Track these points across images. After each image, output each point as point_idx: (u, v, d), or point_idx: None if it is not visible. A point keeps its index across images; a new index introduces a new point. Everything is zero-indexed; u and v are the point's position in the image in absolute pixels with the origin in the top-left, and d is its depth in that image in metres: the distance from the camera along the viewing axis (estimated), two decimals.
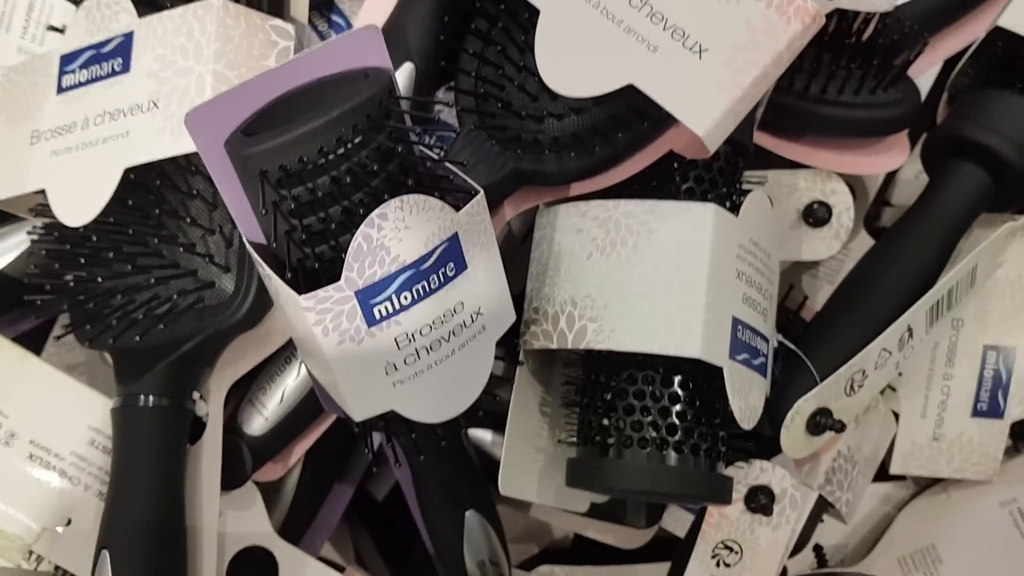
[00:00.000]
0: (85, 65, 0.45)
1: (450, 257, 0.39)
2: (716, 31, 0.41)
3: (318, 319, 0.37)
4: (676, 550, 0.54)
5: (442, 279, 0.39)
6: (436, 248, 0.38)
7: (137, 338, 0.44)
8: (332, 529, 0.56)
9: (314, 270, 0.38)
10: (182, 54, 0.43)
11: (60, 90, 0.46)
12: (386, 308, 0.38)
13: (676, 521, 0.59)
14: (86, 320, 0.46)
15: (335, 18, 0.54)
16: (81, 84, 0.45)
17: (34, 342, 0.53)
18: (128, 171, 0.43)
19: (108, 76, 0.44)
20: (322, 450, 0.52)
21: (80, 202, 0.43)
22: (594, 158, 0.45)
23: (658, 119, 0.44)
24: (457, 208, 0.39)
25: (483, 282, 0.41)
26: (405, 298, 0.38)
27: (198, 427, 0.46)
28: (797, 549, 0.56)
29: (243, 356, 0.47)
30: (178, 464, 0.45)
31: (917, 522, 0.63)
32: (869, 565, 0.62)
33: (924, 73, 0.60)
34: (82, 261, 0.46)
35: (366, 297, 0.37)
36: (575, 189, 0.47)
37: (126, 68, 0.44)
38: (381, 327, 0.38)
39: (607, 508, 0.55)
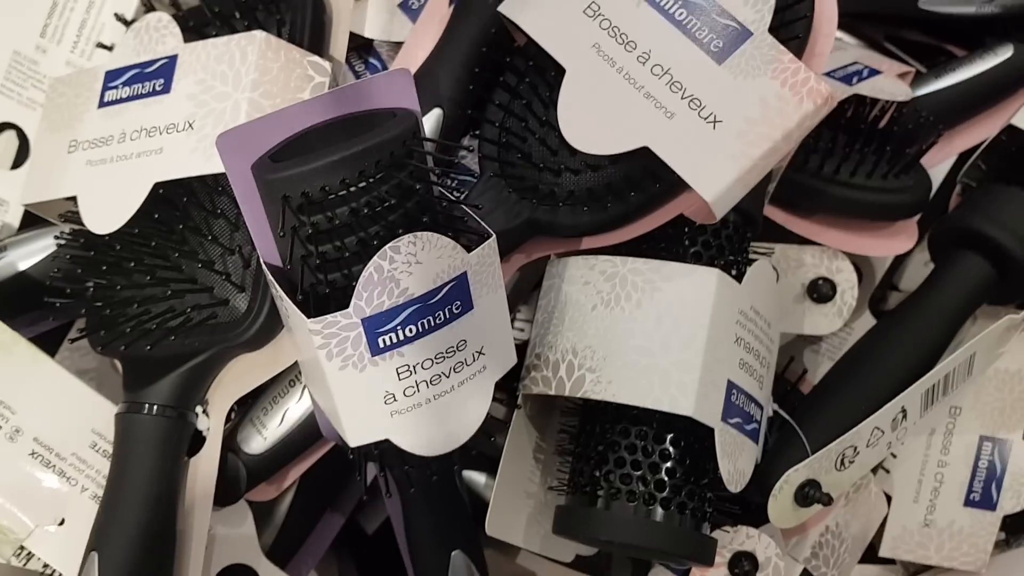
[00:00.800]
0: (128, 83, 0.47)
1: (457, 296, 0.40)
2: (731, 104, 0.43)
3: (324, 343, 0.38)
4: None
5: (447, 316, 0.40)
6: (444, 285, 0.40)
7: (148, 347, 0.45)
8: (319, 557, 0.56)
9: (325, 296, 0.39)
10: (222, 80, 0.45)
11: (102, 104, 0.48)
12: (391, 338, 0.39)
13: None
14: (101, 326, 0.47)
15: (372, 60, 0.57)
16: (122, 100, 0.47)
17: (49, 344, 0.54)
18: (158, 186, 0.44)
19: (149, 95, 0.46)
20: (316, 477, 0.52)
21: (109, 211, 0.45)
22: (606, 215, 0.46)
23: (670, 183, 0.45)
24: (469, 249, 0.40)
25: (487, 323, 0.42)
26: (410, 331, 0.40)
27: (197, 441, 0.47)
28: None
29: (249, 374, 0.48)
30: (175, 474, 0.46)
31: None
32: None
33: (938, 164, 0.62)
34: (104, 268, 0.47)
35: (372, 326, 0.39)
36: (586, 243, 0.48)
37: (167, 89, 0.46)
38: (384, 357, 0.39)
39: (593, 562, 0.56)
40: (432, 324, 0.40)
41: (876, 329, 0.55)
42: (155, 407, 0.46)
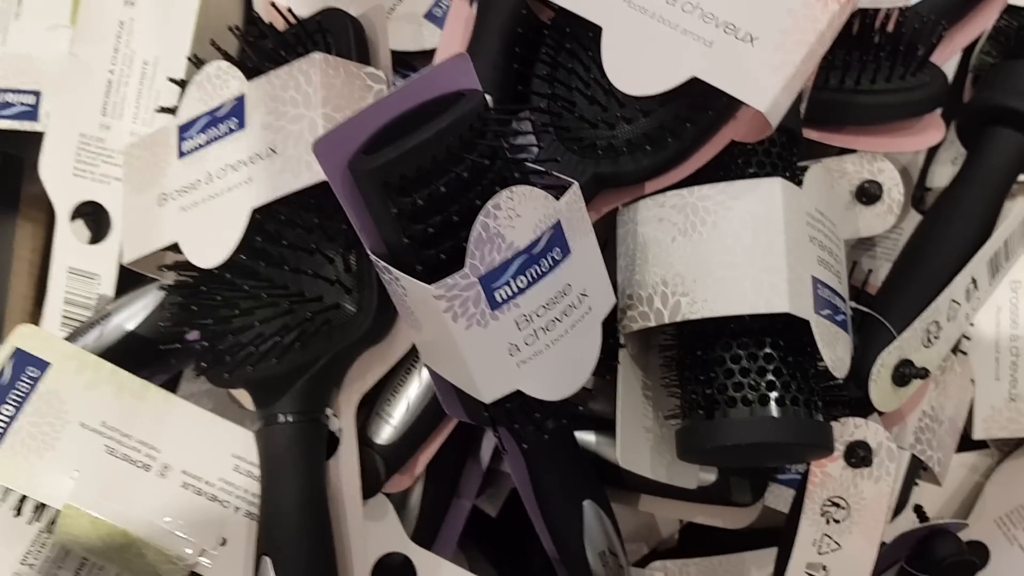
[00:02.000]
0: (203, 130, 0.51)
1: (556, 243, 0.44)
2: (763, 21, 0.46)
3: (448, 305, 0.41)
4: (780, 532, 0.57)
5: (551, 263, 0.44)
6: (543, 234, 0.43)
7: (274, 361, 0.48)
8: (455, 543, 0.59)
9: (436, 267, 0.43)
10: (292, 104, 0.48)
11: (182, 155, 0.51)
12: (506, 291, 0.42)
13: (777, 498, 0.61)
14: (216, 361, 0.51)
15: (407, 72, 0.60)
16: (201, 147, 0.51)
17: (171, 386, 0.57)
18: (254, 212, 0.48)
19: (226, 135, 0.50)
20: (440, 465, 0.55)
21: (213, 246, 0.49)
22: (666, 153, 0.50)
23: (720, 109, 0.48)
24: (557, 198, 0.43)
25: (585, 266, 0.45)
26: (521, 281, 0.43)
27: (332, 443, 0.50)
28: (896, 512, 0.59)
29: (369, 371, 0.51)
30: (319, 475, 0.49)
31: (1008, 484, 0.65)
32: (968, 531, 0.64)
33: (945, 62, 0.65)
34: (211, 306, 0.51)
35: (488, 282, 0.42)
36: (650, 187, 0.51)
37: (242, 125, 0.50)
38: (503, 310, 0.43)
39: (712, 490, 0.58)
40: (539, 272, 0.43)
41: (929, 216, 0.58)
42: (289, 416, 0.49)
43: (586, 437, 0.59)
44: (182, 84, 0.55)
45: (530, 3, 0.53)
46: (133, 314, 0.56)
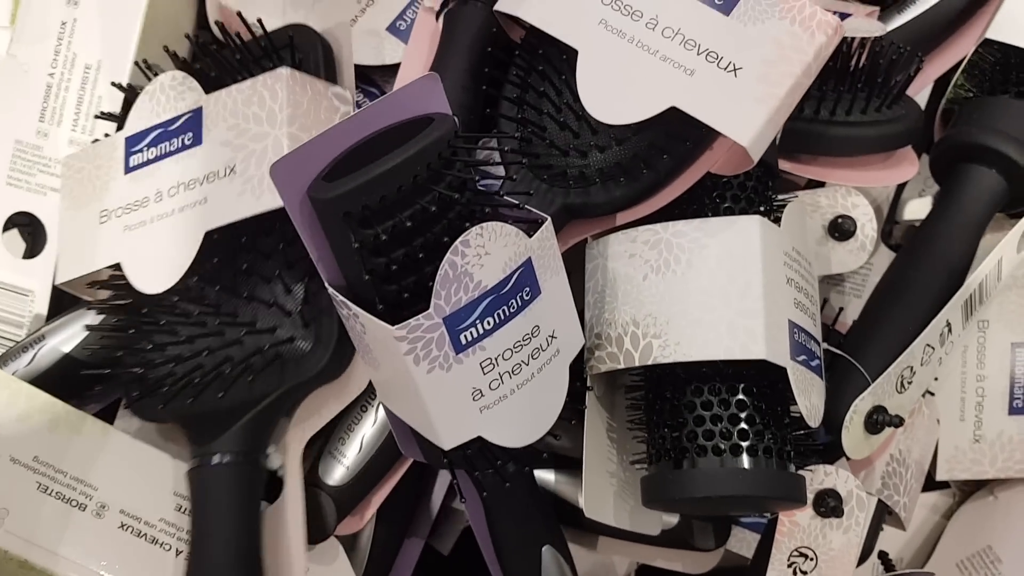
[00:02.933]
0: (153, 143, 0.48)
1: (526, 282, 0.41)
2: (747, 51, 0.44)
3: (410, 348, 0.39)
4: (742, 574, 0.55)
5: (519, 304, 0.41)
6: (513, 273, 0.40)
7: (220, 395, 0.45)
8: None
9: (398, 304, 0.40)
10: (255, 121, 0.45)
11: (129, 169, 0.48)
12: (471, 333, 0.40)
13: (740, 543, 0.60)
14: (149, 392, 0.47)
15: (369, 88, 0.57)
16: (150, 161, 0.48)
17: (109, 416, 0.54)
18: (208, 235, 0.45)
19: (179, 150, 0.47)
20: (393, 503, 0.53)
21: (160, 269, 0.45)
22: (639, 184, 0.47)
23: (697, 139, 0.46)
24: (528, 235, 0.41)
25: (555, 306, 0.43)
26: (488, 323, 0.40)
27: (276, 484, 0.47)
28: (862, 559, 0.57)
29: (321, 408, 0.48)
30: (256, 522, 0.46)
31: (970, 526, 0.64)
32: None
33: (916, 95, 0.64)
34: (150, 331, 0.47)
35: (453, 323, 0.39)
36: (621, 219, 0.49)
37: (197, 141, 0.46)
38: (467, 353, 0.40)
39: (674, 535, 0.56)
40: (507, 314, 0.41)
41: (903, 255, 0.56)
42: (227, 456, 0.46)
43: (545, 476, 0.57)
44: (126, 90, 0.51)
45: (500, 21, 0.50)
46: (70, 336, 0.52)
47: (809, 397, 0.46)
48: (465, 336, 0.40)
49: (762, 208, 0.50)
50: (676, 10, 0.45)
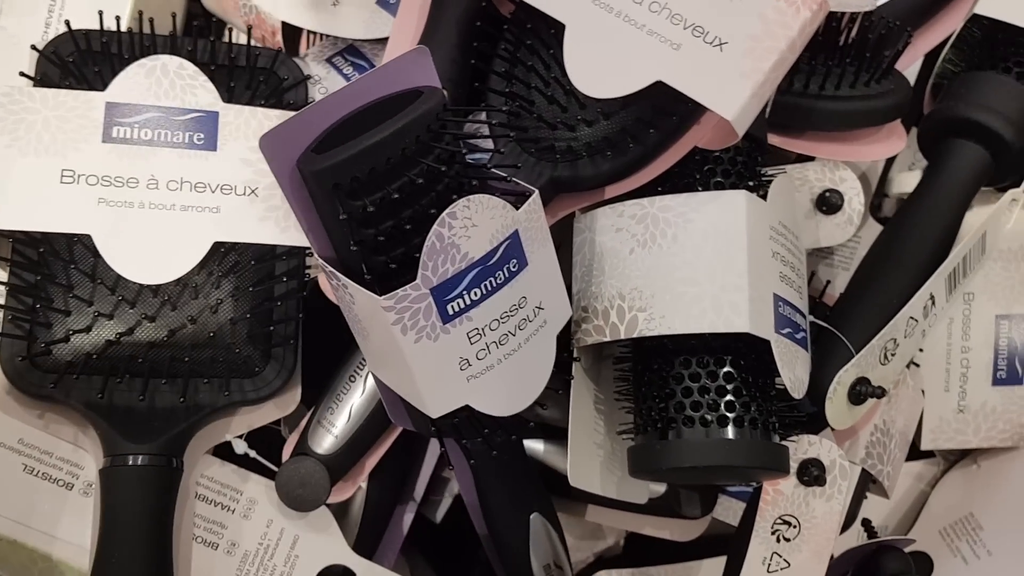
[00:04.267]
0: (147, 125, 0.47)
1: (513, 254, 0.42)
2: (733, 25, 0.45)
3: (397, 318, 0.39)
4: (728, 542, 0.56)
5: (507, 275, 0.42)
6: (500, 244, 0.41)
7: (180, 400, 0.46)
8: (397, 550, 0.57)
9: (386, 275, 0.40)
10: None
11: (109, 139, 0.47)
12: (459, 304, 0.40)
13: (727, 511, 0.61)
14: (82, 373, 0.46)
15: (359, 61, 0.58)
16: (140, 142, 0.47)
17: None
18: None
19: (185, 146, 0.47)
20: (383, 471, 0.53)
21: (152, 261, 0.46)
22: (627, 158, 0.48)
23: (684, 114, 0.47)
24: (516, 207, 0.41)
25: (542, 277, 0.43)
26: (475, 294, 0.41)
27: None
28: (845, 526, 0.58)
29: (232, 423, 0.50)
30: (171, 523, 0.47)
31: (952, 495, 0.65)
32: None
33: (906, 69, 0.64)
34: (88, 310, 0.46)
35: (440, 294, 0.40)
36: (609, 192, 0.49)
37: (211, 146, 0.47)
38: (455, 323, 0.41)
39: (661, 503, 0.57)
40: (494, 285, 0.41)
41: (889, 228, 0.57)
42: (146, 457, 0.46)
43: (534, 445, 0.58)
44: (40, 51, 0.49)
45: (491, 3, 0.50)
46: None
47: (793, 369, 0.47)
48: (452, 306, 0.40)
49: (751, 183, 0.50)
50: None
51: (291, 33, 0.58)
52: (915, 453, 0.63)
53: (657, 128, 0.47)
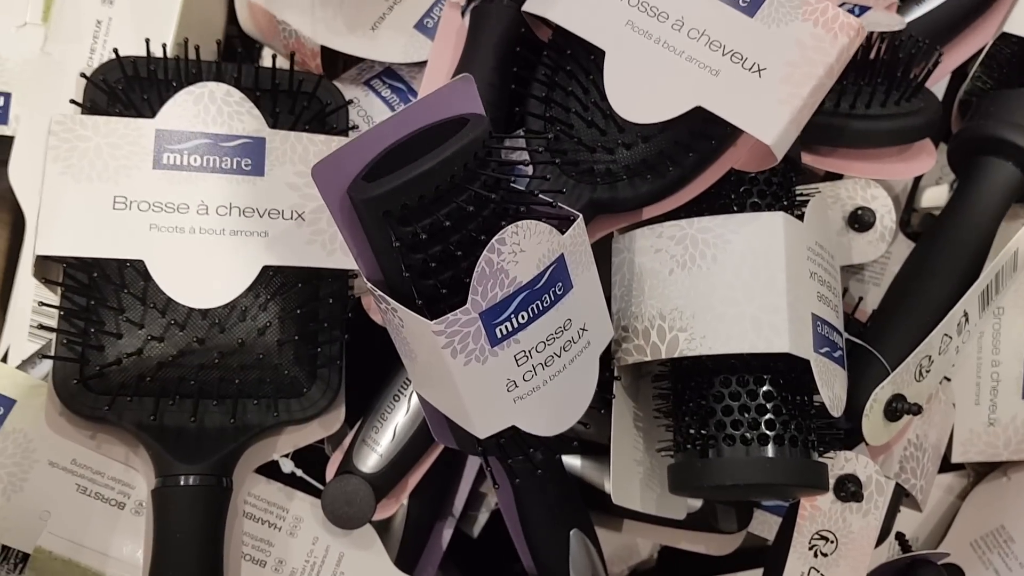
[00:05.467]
0: (196, 151, 0.48)
1: (559, 277, 0.42)
2: (771, 52, 0.45)
3: (447, 342, 0.40)
4: (762, 557, 0.56)
5: (552, 298, 0.42)
6: (547, 268, 0.42)
7: (231, 420, 0.48)
8: (437, 565, 0.58)
9: (435, 299, 0.41)
10: None
11: (159, 165, 0.48)
12: (507, 327, 0.41)
13: (762, 525, 0.61)
14: (132, 394, 0.47)
15: (396, 84, 0.59)
16: (192, 168, 0.48)
17: None
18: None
19: (233, 171, 0.48)
20: (424, 488, 0.54)
21: (206, 285, 0.47)
22: (665, 180, 0.49)
23: (721, 136, 0.47)
24: (560, 231, 0.42)
25: (586, 299, 0.44)
26: (523, 317, 0.42)
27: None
28: (879, 540, 0.59)
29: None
30: (221, 543, 0.47)
31: (983, 507, 0.65)
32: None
33: (933, 85, 0.65)
34: (141, 335, 0.47)
35: (489, 318, 0.41)
36: (647, 213, 0.50)
37: (259, 171, 0.48)
38: (502, 346, 0.41)
39: (698, 518, 0.58)
40: (540, 308, 0.42)
41: (922, 246, 0.57)
42: (196, 478, 0.46)
43: (571, 461, 0.59)
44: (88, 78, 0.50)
45: (528, 21, 0.51)
46: None
47: (832, 388, 0.48)
48: (500, 330, 0.41)
49: (786, 202, 0.51)
50: (701, 12, 0.47)
51: (329, 55, 0.59)
52: (945, 465, 0.64)
53: (695, 151, 0.48)
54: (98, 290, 0.47)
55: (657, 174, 0.49)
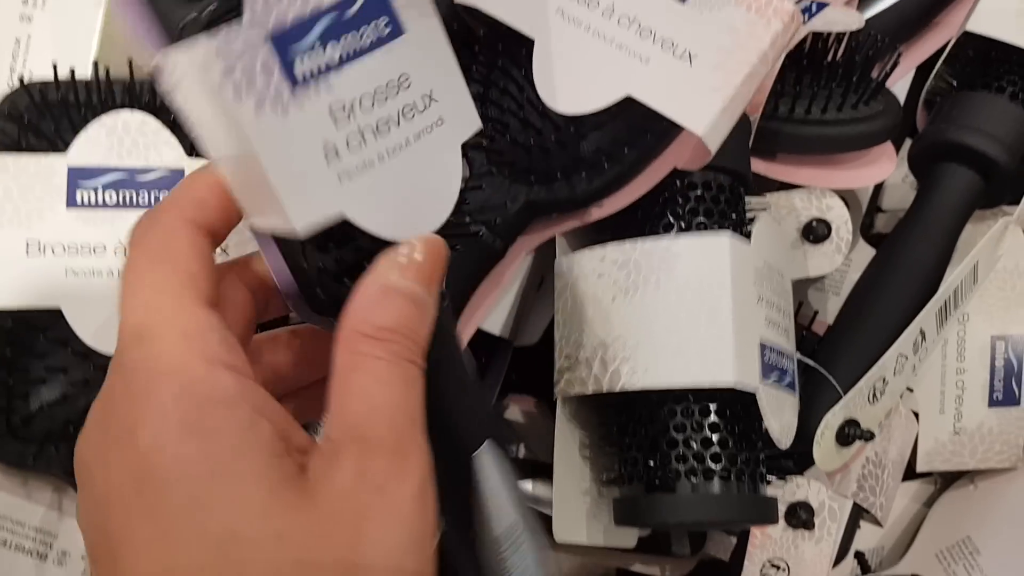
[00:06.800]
0: (112, 187, 0.45)
1: (379, 9, 0.34)
2: (702, 38, 0.43)
3: (225, 73, 0.30)
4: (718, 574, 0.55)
5: (375, 38, 0.34)
6: None
7: None
8: None
9: None
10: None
11: (73, 204, 0.45)
12: (311, 63, 0.32)
13: (718, 545, 0.60)
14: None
15: None
16: (107, 206, 0.45)
17: None
18: None
19: (149, 207, 0.45)
20: None
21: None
22: (603, 178, 0.47)
23: (660, 131, 0.46)
24: None
25: (430, 59, 0.35)
26: (332, 51, 0.33)
27: None
28: (838, 559, 0.58)
29: None
30: None
31: (949, 516, 0.64)
32: (908, 564, 0.63)
33: (898, 81, 0.63)
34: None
35: (282, 44, 0.31)
36: (592, 215, 0.48)
37: None
38: (308, 90, 0.32)
39: (651, 540, 0.56)
40: (358, 46, 0.33)
41: (878, 258, 0.55)
42: None
43: (522, 485, 0.57)
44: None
45: (463, 15, 0.48)
46: None
47: (780, 418, 0.46)
48: (301, 64, 0.32)
49: (734, 219, 0.49)
50: None
51: None
52: (910, 473, 0.62)
53: (632, 147, 0.46)
54: (17, 338, 0.45)
55: (594, 172, 0.46)
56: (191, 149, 0.46)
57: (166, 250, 0.33)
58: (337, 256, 0.35)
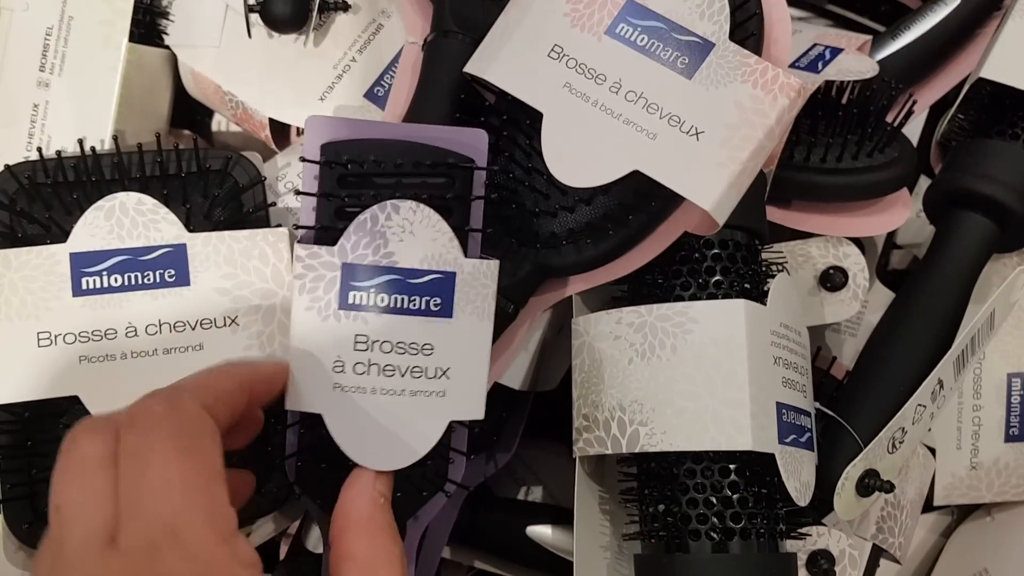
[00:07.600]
0: (116, 270, 0.45)
1: (439, 292, 0.42)
2: (709, 114, 0.44)
3: (301, 273, 0.41)
4: None
5: (423, 307, 0.42)
6: (430, 272, 0.41)
7: None
8: None
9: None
10: (258, 276, 0.45)
11: (80, 292, 0.45)
12: (362, 297, 0.41)
13: None
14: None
15: None
16: (113, 289, 0.45)
17: None
18: None
19: (157, 286, 0.45)
20: None
21: None
22: (609, 242, 0.48)
23: (666, 198, 0.46)
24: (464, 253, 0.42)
25: (462, 347, 0.42)
26: (382, 299, 0.41)
27: None
28: None
29: None
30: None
31: (966, 549, 0.64)
32: None
33: (911, 122, 0.63)
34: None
35: (348, 275, 0.41)
36: (601, 276, 0.49)
37: (184, 281, 0.45)
38: (349, 314, 0.41)
39: None
40: (405, 305, 0.41)
41: (895, 306, 0.56)
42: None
43: (541, 530, 0.58)
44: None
45: (472, 82, 0.49)
46: None
47: (799, 477, 0.46)
48: (355, 295, 0.41)
49: (750, 280, 0.49)
50: (639, 74, 0.45)
51: (280, 125, 0.57)
52: (928, 505, 0.63)
53: (638, 213, 0.47)
54: (36, 427, 0.46)
55: (601, 236, 0.47)
56: (187, 215, 0.46)
57: (194, 442, 0.34)
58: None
